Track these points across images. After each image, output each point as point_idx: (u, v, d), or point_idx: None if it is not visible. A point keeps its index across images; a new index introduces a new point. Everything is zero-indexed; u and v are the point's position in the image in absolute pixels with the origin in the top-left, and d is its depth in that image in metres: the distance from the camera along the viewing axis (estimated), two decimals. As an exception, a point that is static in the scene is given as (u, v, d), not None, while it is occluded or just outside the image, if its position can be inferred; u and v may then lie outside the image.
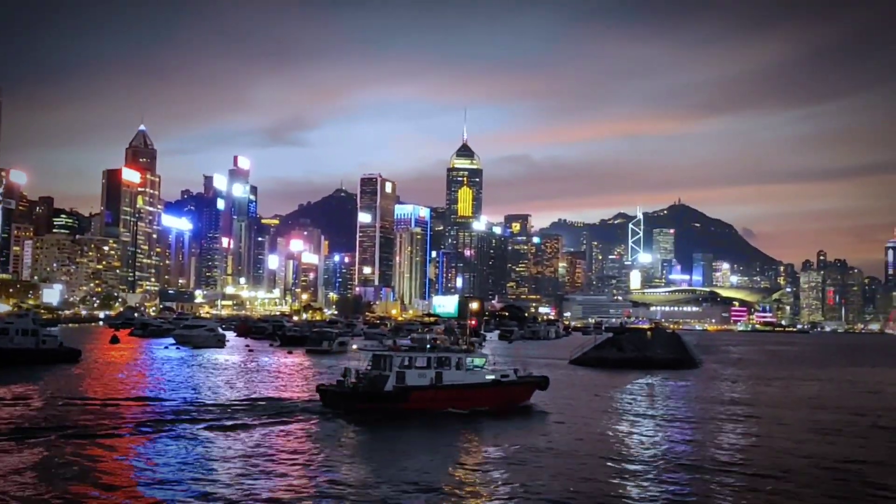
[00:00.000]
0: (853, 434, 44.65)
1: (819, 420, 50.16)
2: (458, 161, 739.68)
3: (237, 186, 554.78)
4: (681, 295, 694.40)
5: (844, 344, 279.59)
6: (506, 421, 47.17)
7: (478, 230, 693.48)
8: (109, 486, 27.99)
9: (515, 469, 32.89)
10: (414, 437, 41.65)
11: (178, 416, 44.54)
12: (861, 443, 41.63)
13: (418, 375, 47.89)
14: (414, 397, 46.82)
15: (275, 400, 53.35)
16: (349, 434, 41.32)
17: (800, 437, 42.97)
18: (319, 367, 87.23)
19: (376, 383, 47.29)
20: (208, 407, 48.89)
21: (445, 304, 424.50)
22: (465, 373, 49.86)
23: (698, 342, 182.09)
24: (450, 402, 48.05)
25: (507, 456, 35.60)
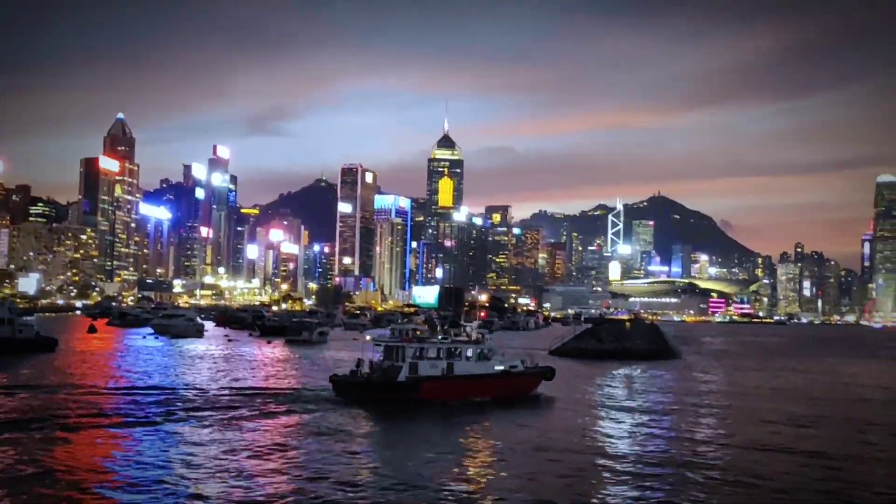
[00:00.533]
0: (826, 426, 45.11)
1: (793, 412, 50.66)
2: (439, 152, 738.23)
3: (217, 176, 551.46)
4: (660, 286, 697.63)
5: (820, 336, 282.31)
6: (512, 411, 47.94)
7: (458, 221, 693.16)
8: (84, 480, 27.73)
9: (501, 465, 33.01)
10: (424, 427, 42.61)
11: (181, 406, 44.51)
12: (833, 435, 42.05)
13: (430, 366, 48.89)
14: (426, 387, 47.69)
15: (287, 390, 53.66)
16: (364, 423, 41.93)
17: (773, 428, 43.42)
18: (300, 357, 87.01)
19: (390, 373, 48.19)
20: (217, 397, 49.05)
21: (425, 294, 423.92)
22: (476, 363, 51.01)
23: (677, 333, 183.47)
24: (461, 392, 49.09)
25: (503, 449, 35.73)
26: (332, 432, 38.21)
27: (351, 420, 41.83)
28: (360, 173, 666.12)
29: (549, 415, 48.56)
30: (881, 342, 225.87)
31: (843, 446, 37.90)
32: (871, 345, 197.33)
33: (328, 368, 73.92)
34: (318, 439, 36.09)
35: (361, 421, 42.00)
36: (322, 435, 37.10)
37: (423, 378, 48.09)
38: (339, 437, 36.82)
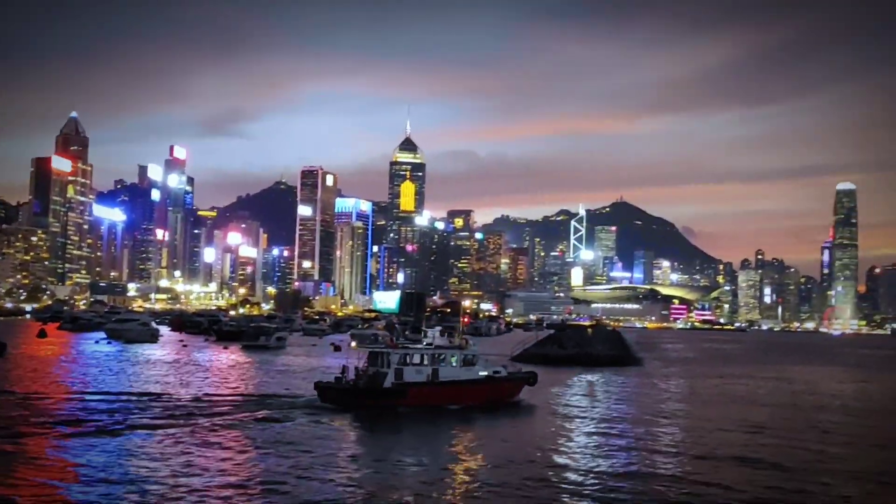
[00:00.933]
0: (782, 434, 45.71)
1: (750, 419, 51.34)
2: (401, 155, 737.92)
3: (173, 177, 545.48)
4: (622, 292, 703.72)
5: (780, 343, 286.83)
6: (494, 417, 48.85)
7: (420, 225, 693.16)
8: (31, 495, 26.90)
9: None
10: (411, 433, 43.26)
11: (134, 415, 43.63)
12: (788, 443, 42.63)
13: (416, 372, 49.16)
14: (412, 393, 48.06)
15: (271, 397, 53.46)
16: (351, 430, 42.53)
17: (729, 436, 43.96)
18: (257, 363, 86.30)
19: (375, 380, 48.40)
20: (172, 405, 48.35)
21: (386, 299, 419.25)
22: (460, 369, 51.30)
23: (638, 340, 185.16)
24: (446, 398, 49.39)
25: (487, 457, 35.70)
26: (320, 438, 38.37)
27: (337, 426, 41.60)
28: (321, 176, 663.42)
29: (508, 422, 48.61)
30: (837, 349, 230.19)
31: (797, 455, 38.42)
32: (828, 352, 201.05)
33: (286, 374, 73.57)
34: (277, 448, 35.72)
35: (348, 427, 41.78)
36: (281, 444, 36.76)
37: (409, 384, 48.45)
38: (326, 444, 36.67)
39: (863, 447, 41.95)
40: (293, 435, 38.84)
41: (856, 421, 53.04)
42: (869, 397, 73.64)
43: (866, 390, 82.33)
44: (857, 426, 50.42)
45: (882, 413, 59.63)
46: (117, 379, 64.36)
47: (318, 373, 74.32)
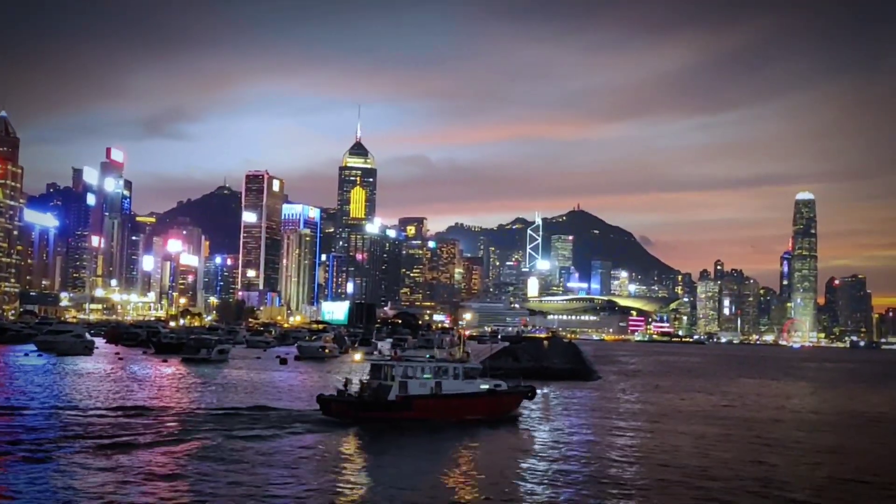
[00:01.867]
0: (735, 448, 46.48)
1: (705, 433, 52.17)
2: (351, 160, 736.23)
3: (109, 181, 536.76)
4: (578, 303, 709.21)
5: (738, 356, 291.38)
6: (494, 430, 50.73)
7: (371, 233, 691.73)
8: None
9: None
10: (415, 445, 44.40)
11: (63, 433, 42.77)
12: (742, 457, 43.43)
13: (419, 385, 50.72)
14: (417, 406, 49.58)
15: (273, 410, 54.58)
16: (355, 442, 43.87)
17: (685, 451, 44.63)
18: (196, 377, 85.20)
19: (380, 393, 49.84)
20: (105, 421, 47.54)
21: (335, 310, 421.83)
22: (463, 382, 53.06)
23: (595, 352, 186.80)
24: (449, 411, 51.06)
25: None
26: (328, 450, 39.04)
27: (342, 439, 41.22)
28: (267, 181, 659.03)
29: (468, 434, 48.74)
30: (797, 362, 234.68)
31: (750, 469, 39.14)
32: (786, 365, 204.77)
33: (227, 389, 72.75)
34: (210, 466, 35.34)
35: (352, 440, 41.42)
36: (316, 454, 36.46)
37: (414, 397, 49.82)
38: (333, 457, 36.31)
39: (811, 461, 42.76)
40: (177, 459, 38.28)
41: (806, 435, 54.12)
42: (823, 411, 75.13)
43: (821, 404, 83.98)
44: (807, 440, 51.44)
45: (833, 426, 60.86)
46: (46, 393, 63.08)
47: (256, 388, 73.49)
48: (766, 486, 35.27)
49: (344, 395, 51.48)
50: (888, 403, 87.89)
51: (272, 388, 75.37)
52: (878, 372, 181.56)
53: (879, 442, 52.46)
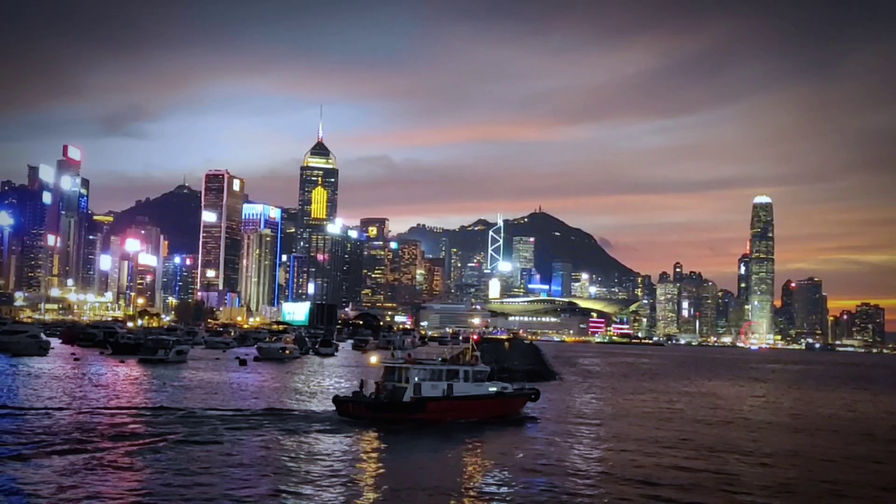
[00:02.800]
0: (688, 451, 47.01)
1: (659, 436, 52.71)
2: (313, 160, 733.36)
3: (66, 179, 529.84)
4: (540, 305, 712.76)
5: (697, 357, 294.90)
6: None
7: (332, 233, 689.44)
8: None
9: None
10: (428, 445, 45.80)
11: (16, 438, 42.14)
12: (696, 461, 43.95)
13: (432, 387, 52.64)
14: (431, 408, 51.55)
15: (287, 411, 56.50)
16: (374, 443, 44.94)
17: (637, 453, 45.11)
18: (153, 378, 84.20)
19: (396, 394, 51.58)
20: (61, 424, 46.78)
21: (296, 311, 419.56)
22: (472, 384, 55.49)
23: (556, 354, 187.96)
24: (461, 412, 53.38)
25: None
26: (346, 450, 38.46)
27: (360, 440, 40.90)
28: (227, 180, 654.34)
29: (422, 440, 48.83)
30: (753, 364, 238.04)
31: (704, 473, 39.63)
32: (744, 367, 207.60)
33: (186, 389, 72.03)
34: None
35: (371, 440, 41.13)
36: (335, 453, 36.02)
37: (428, 399, 51.72)
38: (352, 456, 35.97)
39: (761, 463, 43.40)
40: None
41: (758, 436, 54.93)
42: (777, 412, 76.28)
43: (774, 405, 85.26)
44: (759, 442, 52.21)
45: (783, 428, 61.83)
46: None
47: (202, 390, 72.79)
48: (714, 489, 35.72)
49: (360, 396, 53.31)
50: (842, 405, 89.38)
51: (230, 389, 74.77)
52: (833, 374, 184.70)
53: (830, 445, 53.29)
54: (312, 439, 44.36)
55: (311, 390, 78.13)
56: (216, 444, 40.69)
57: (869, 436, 58.23)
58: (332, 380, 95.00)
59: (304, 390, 77.74)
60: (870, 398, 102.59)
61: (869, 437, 57.70)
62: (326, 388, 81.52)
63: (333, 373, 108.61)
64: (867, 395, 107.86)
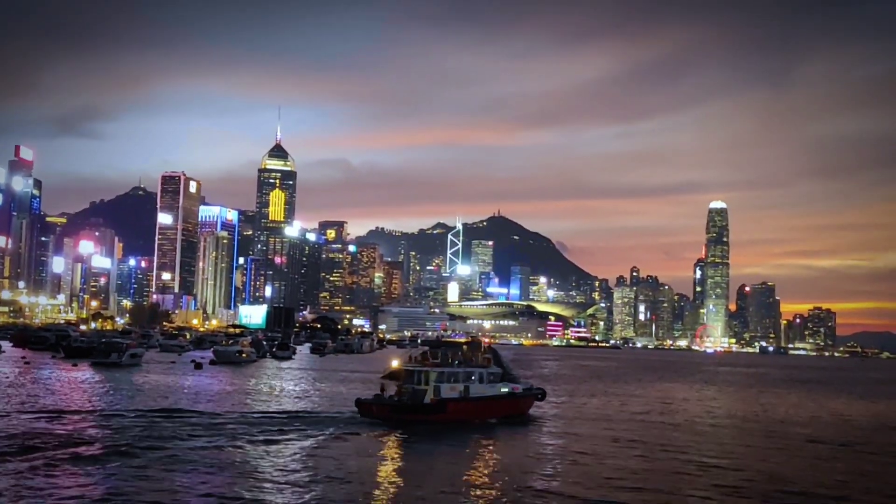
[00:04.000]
0: (643, 453, 47.56)
1: (615, 436, 53.37)
2: (271, 162, 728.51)
3: (18, 180, 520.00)
4: (498, 308, 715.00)
5: (652, 360, 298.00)
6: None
7: (290, 236, 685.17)
8: None
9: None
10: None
11: None
12: (651, 464, 44.44)
13: (450, 389, 55.24)
14: (450, 409, 54.03)
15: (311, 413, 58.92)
16: (396, 442, 47.12)
17: (587, 454, 45.82)
18: (106, 382, 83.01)
19: (417, 396, 54.18)
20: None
21: (253, 314, 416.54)
22: (487, 386, 58.30)
23: (514, 357, 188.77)
24: (476, 413, 56.35)
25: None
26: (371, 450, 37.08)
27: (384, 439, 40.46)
28: (183, 182, 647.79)
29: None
30: (710, 367, 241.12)
31: (659, 474, 40.13)
32: (699, 370, 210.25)
33: (142, 394, 71.13)
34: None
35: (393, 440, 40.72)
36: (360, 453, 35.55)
37: (447, 400, 54.24)
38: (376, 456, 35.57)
39: (704, 464, 44.05)
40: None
41: (703, 438, 55.79)
42: (733, 415, 77.38)
43: (723, 408, 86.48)
44: (703, 443, 53.02)
45: (730, 430, 62.79)
46: None
47: (169, 392, 72.00)
48: (657, 489, 36.21)
49: (381, 398, 55.48)
50: (794, 407, 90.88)
51: (185, 393, 74.01)
52: (786, 377, 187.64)
53: (778, 447, 54.16)
54: (341, 440, 46.40)
55: (302, 391, 77.59)
56: (164, 450, 40.21)
57: (813, 438, 59.19)
58: (295, 384, 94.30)
59: (295, 392, 77.15)
60: (817, 400, 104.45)
61: (813, 439, 58.64)
62: (312, 391, 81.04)
63: (294, 376, 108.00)
64: (814, 397, 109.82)
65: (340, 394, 79.32)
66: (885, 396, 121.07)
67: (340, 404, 65.31)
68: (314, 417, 56.06)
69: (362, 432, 49.41)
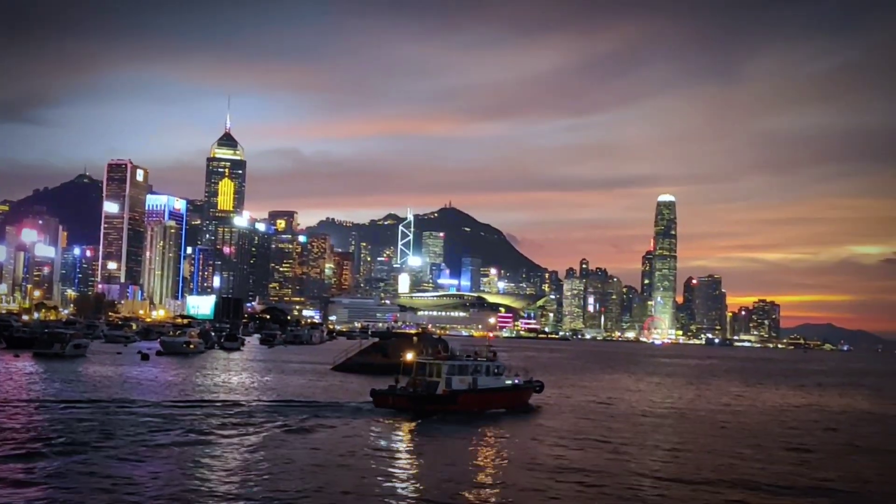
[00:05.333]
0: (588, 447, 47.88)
1: (559, 428, 53.65)
2: (220, 151, 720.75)
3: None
4: (449, 300, 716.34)
5: (599, 351, 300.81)
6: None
7: (239, 226, 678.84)
8: None
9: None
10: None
11: None
12: (596, 456, 44.72)
13: (460, 381, 58.40)
14: (461, 400, 57.31)
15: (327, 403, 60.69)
16: (410, 430, 49.55)
17: (531, 445, 46.07)
18: (47, 373, 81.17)
19: (431, 388, 57.16)
20: None
21: (201, 304, 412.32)
22: (493, 378, 61.77)
23: (464, 348, 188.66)
24: (484, 404, 59.48)
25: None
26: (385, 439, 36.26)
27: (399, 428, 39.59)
28: (130, 170, 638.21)
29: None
30: (658, 358, 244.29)
31: (605, 465, 40.38)
32: (642, 361, 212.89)
33: (82, 383, 69.68)
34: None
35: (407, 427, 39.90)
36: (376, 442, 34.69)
37: (458, 391, 57.49)
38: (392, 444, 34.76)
39: (643, 454, 44.52)
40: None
41: (645, 429, 56.42)
42: (677, 406, 78.30)
43: (664, 398, 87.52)
44: (645, 433, 53.61)
45: (670, 420, 63.58)
46: None
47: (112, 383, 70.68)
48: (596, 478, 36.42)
49: (395, 389, 58.40)
50: (736, 398, 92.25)
51: (130, 384, 72.68)
52: (731, 368, 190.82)
53: (719, 437, 54.83)
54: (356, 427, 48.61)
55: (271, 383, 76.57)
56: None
57: (749, 430, 59.98)
58: (246, 376, 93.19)
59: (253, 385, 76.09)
60: (755, 391, 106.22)
61: (749, 431, 59.41)
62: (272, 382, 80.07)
63: (245, 367, 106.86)
64: (752, 389, 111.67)
65: (297, 385, 78.62)
66: (822, 387, 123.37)
67: (309, 395, 65.45)
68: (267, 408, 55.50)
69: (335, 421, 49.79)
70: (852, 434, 58.61)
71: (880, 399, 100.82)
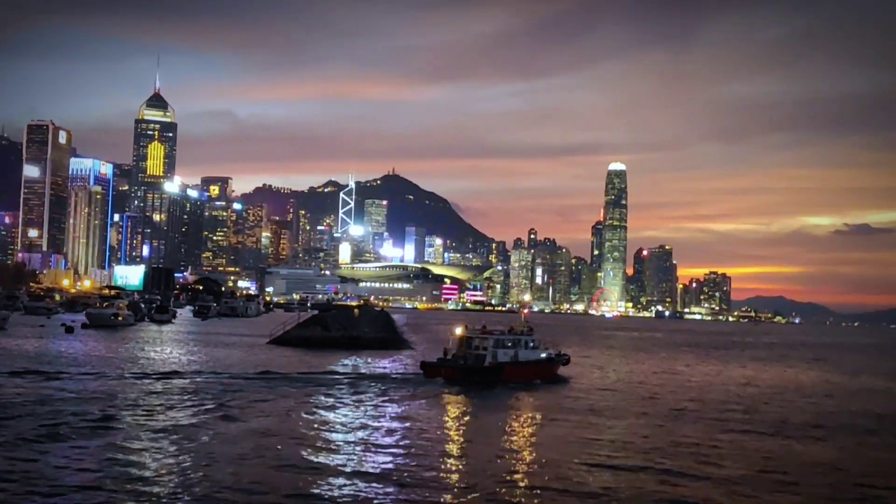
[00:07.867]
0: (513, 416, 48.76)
1: (512, 405, 54.64)
2: (149, 112, 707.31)
3: None
4: (392, 271, 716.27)
5: (549, 325, 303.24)
6: None
7: (170, 192, 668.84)
8: None
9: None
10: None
11: None
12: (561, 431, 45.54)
13: (503, 353, 65.15)
14: (506, 371, 64.25)
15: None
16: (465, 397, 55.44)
17: (473, 422, 46.72)
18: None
19: (479, 360, 63.80)
20: None
21: (129, 274, 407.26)
22: (531, 351, 68.72)
23: (408, 321, 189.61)
24: (524, 375, 65.61)
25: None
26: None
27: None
28: (52, 131, 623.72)
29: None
30: (609, 331, 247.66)
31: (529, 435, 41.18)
32: (600, 335, 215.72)
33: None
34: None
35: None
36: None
37: (502, 363, 64.38)
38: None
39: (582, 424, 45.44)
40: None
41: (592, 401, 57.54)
42: (623, 380, 79.95)
43: (605, 371, 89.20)
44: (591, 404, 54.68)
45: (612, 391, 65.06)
46: None
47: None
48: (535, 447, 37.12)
49: (445, 361, 65.13)
50: (664, 370, 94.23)
51: (52, 359, 71.65)
52: (682, 341, 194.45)
53: (651, 410, 56.11)
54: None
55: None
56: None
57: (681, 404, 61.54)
58: (180, 348, 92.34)
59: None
60: (697, 363, 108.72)
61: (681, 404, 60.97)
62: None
63: (177, 340, 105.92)
64: (694, 360, 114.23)
65: (235, 359, 78.21)
66: (755, 360, 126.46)
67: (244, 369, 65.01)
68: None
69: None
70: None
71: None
